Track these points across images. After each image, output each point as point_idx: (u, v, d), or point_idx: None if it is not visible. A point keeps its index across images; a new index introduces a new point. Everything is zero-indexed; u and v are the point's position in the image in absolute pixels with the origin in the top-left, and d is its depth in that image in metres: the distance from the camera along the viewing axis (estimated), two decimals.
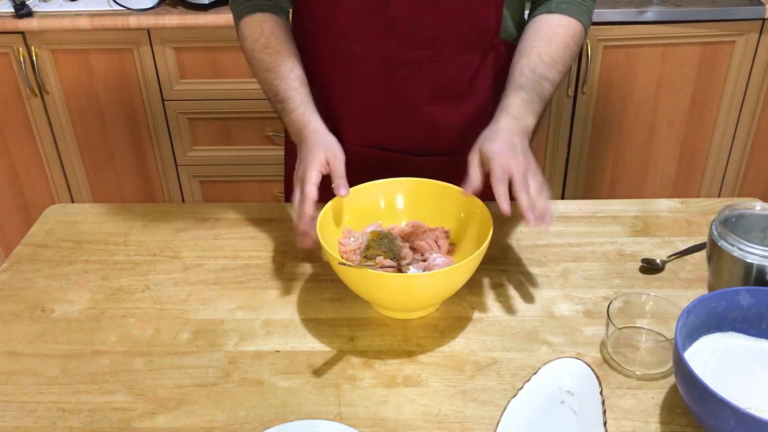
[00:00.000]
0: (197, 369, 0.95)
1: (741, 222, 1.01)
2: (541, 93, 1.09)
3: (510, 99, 1.07)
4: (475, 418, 0.87)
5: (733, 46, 2.15)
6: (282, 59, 1.15)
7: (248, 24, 1.18)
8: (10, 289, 1.11)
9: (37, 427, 0.88)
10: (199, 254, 1.17)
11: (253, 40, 1.17)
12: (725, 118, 2.27)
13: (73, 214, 1.29)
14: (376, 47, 1.14)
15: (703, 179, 2.39)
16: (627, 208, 1.25)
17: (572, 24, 1.14)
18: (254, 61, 1.17)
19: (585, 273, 1.11)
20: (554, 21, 1.14)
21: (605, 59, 2.16)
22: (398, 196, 1.11)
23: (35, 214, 1.95)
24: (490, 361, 0.95)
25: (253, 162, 2.35)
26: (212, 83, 2.23)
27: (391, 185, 1.11)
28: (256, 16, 1.17)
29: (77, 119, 2.30)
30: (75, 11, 2.16)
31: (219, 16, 2.11)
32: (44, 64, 2.20)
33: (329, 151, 1.06)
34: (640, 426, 0.85)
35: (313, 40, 1.20)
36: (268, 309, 1.06)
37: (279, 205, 1.30)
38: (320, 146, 1.07)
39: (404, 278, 0.97)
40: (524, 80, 1.08)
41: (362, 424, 0.86)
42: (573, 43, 1.14)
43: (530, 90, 1.07)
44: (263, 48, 1.16)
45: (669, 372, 0.92)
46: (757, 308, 0.90)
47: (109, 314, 1.06)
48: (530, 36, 1.13)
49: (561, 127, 2.28)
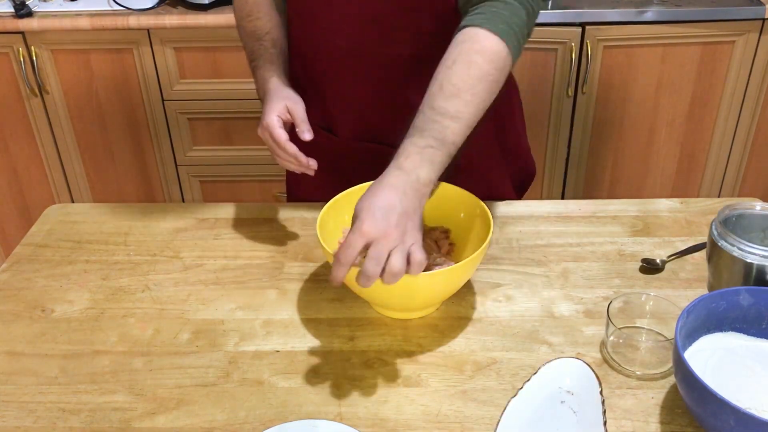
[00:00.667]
0: (197, 369, 0.95)
1: (741, 222, 1.01)
2: (442, 135, 0.89)
3: (404, 144, 0.90)
4: (475, 418, 0.87)
5: (733, 46, 2.15)
6: (260, 24, 1.20)
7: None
8: (10, 289, 1.12)
9: (37, 427, 0.88)
10: (199, 254, 1.18)
11: (239, 10, 1.23)
12: (725, 118, 2.27)
13: (73, 214, 1.29)
14: (360, 41, 1.14)
15: (703, 179, 2.39)
16: (627, 208, 1.25)
17: (481, 38, 0.94)
18: (240, 30, 1.24)
19: (585, 273, 1.11)
20: (460, 37, 0.96)
21: (605, 59, 2.16)
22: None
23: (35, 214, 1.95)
24: (490, 361, 0.95)
25: (253, 162, 2.35)
26: (212, 83, 2.23)
27: None
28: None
29: (77, 119, 2.30)
30: (75, 11, 2.16)
31: (219, 16, 2.11)
32: (44, 64, 2.20)
33: (288, 99, 1.10)
34: (640, 426, 0.85)
35: (305, 34, 1.21)
36: (268, 309, 1.06)
37: (279, 205, 1.30)
38: (279, 97, 1.10)
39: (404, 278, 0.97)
40: (420, 120, 0.91)
41: (362, 424, 0.86)
42: (483, 60, 0.93)
43: (426, 133, 0.90)
44: (246, 16, 1.22)
45: (669, 372, 0.92)
46: (757, 308, 0.90)
47: (109, 314, 1.06)
48: (441, 59, 0.96)
49: (561, 127, 2.28)
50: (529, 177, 1.39)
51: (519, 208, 1.26)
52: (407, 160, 0.88)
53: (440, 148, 0.89)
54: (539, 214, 1.24)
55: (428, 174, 0.88)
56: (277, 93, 1.12)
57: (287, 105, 1.09)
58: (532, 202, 1.29)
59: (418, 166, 0.88)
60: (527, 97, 1.38)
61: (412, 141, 0.89)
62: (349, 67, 1.18)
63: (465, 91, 0.91)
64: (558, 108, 2.25)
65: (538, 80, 2.19)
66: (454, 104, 0.91)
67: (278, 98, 1.10)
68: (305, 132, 1.08)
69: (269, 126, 1.07)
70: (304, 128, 1.08)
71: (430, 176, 0.89)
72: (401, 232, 0.84)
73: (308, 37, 1.20)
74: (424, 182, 0.88)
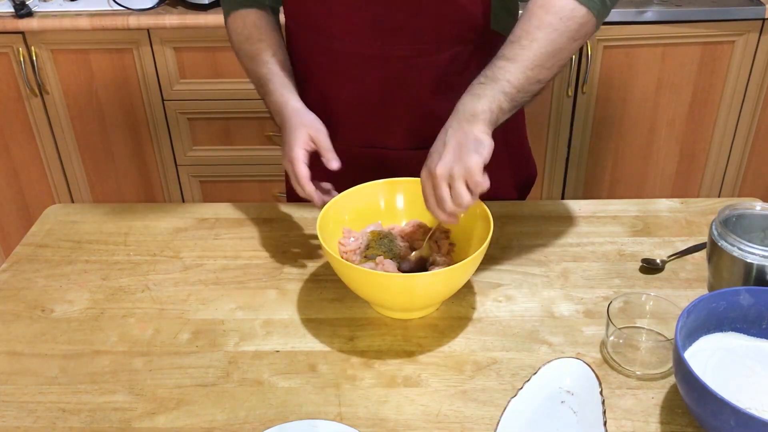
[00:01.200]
0: (197, 369, 0.95)
1: (741, 222, 1.01)
2: (492, 73, 0.97)
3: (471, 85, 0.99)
4: (475, 418, 0.87)
5: (733, 46, 2.15)
6: (263, 47, 1.19)
7: (233, 19, 1.23)
8: (10, 289, 1.11)
9: (37, 427, 0.88)
10: (199, 254, 1.17)
11: (237, 33, 1.22)
12: (725, 118, 2.27)
13: (73, 214, 1.29)
14: (366, 45, 1.14)
15: (703, 179, 2.39)
16: (627, 208, 1.25)
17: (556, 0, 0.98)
18: (240, 53, 1.22)
19: (585, 273, 1.11)
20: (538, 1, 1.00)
21: (605, 59, 2.16)
22: (398, 196, 1.11)
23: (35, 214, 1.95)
24: (490, 361, 0.95)
25: (253, 162, 2.35)
26: (212, 83, 2.23)
27: (391, 185, 1.11)
28: (240, 12, 1.22)
29: (77, 119, 2.30)
30: (75, 11, 2.16)
31: (219, 16, 2.10)
32: (44, 64, 2.20)
33: (311, 128, 1.09)
34: (640, 426, 0.85)
35: (305, 43, 1.21)
36: (268, 309, 1.06)
37: (279, 205, 1.30)
38: (302, 125, 1.09)
39: (404, 278, 0.97)
40: (487, 67, 0.99)
41: (362, 424, 0.86)
42: (544, 12, 0.97)
43: (480, 76, 0.98)
44: (246, 40, 1.20)
45: (669, 372, 0.92)
46: (757, 308, 0.90)
47: (109, 314, 1.06)
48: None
49: (561, 127, 2.28)
50: (530, 179, 1.39)
51: (519, 208, 1.26)
52: (459, 103, 0.96)
53: (489, 83, 0.96)
54: (539, 214, 1.25)
55: (473, 105, 0.95)
56: (298, 119, 1.10)
57: (310, 134, 1.08)
58: (532, 202, 1.29)
59: (465, 101, 0.96)
60: None
61: (478, 80, 0.97)
62: (349, 73, 1.18)
63: (522, 38, 0.97)
64: (558, 108, 2.25)
65: None
66: (511, 48, 0.97)
67: (301, 126, 1.09)
68: (332, 161, 1.07)
69: (293, 160, 1.06)
70: (330, 157, 1.07)
71: (475, 107, 0.94)
72: (456, 162, 0.92)
73: (308, 45, 1.20)
74: (470, 113, 0.95)
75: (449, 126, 0.96)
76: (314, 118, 1.11)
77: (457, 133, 0.94)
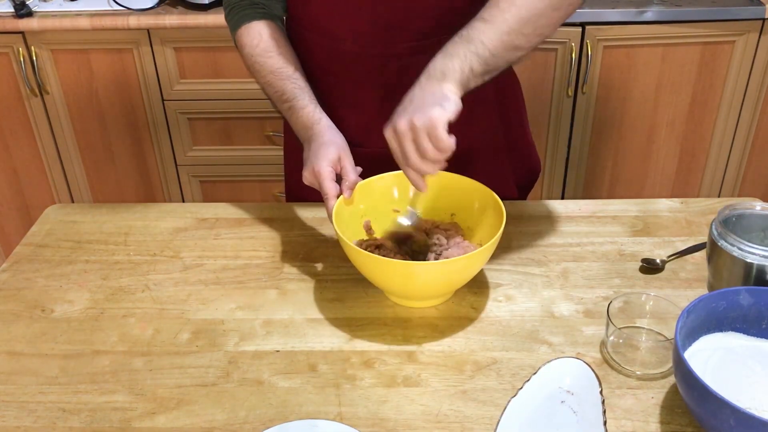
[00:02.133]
0: (197, 369, 0.95)
1: (741, 222, 1.01)
2: (468, 33, 0.95)
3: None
4: (475, 418, 0.87)
5: (733, 46, 2.14)
6: (285, 61, 1.17)
7: (246, 32, 1.20)
8: (10, 289, 1.11)
9: (37, 427, 0.88)
10: (199, 254, 1.18)
11: (252, 46, 1.19)
12: (725, 118, 2.27)
13: (73, 214, 1.29)
14: (368, 45, 1.14)
15: (703, 179, 2.39)
16: (627, 208, 1.25)
17: None
18: (256, 65, 1.19)
19: (585, 273, 1.11)
20: None
21: (605, 59, 2.16)
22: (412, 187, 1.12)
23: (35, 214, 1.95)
24: (490, 361, 0.95)
25: (253, 162, 2.35)
26: (212, 83, 2.23)
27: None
28: (253, 24, 1.20)
29: (77, 119, 2.30)
30: (75, 11, 2.16)
31: (219, 16, 2.11)
32: (44, 64, 2.20)
33: (342, 149, 1.09)
34: (640, 426, 0.85)
35: (307, 45, 1.21)
36: (268, 309, 1.06)
37: (279, 205, 1.30)
38: (333, 143, 1.09)
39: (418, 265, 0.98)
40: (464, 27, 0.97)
41: (362, 424, 0.86)
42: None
43: (455, 37, 0.96)
44: (264, 52, 1.18)
45: (669, 372, 0.92)
46: (757, 308, 0.90)
47: (109, 314, 1.06)
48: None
49: (561, 127, 2.28)
50: (533, 174, 1.39)
51: (519, 207, 1.26)
52: (431, 61, 0.94)
53: (463, 42, 0.94)
54: (539, 214, 1.25)
55: (443, 64, 0.93)
56: (329, 137, 1.10)
57: (340, 155, 1.08)
58: (532, 202, 1.29)
59: (437, 60, 0.94)
60: (527, 97, 1.38)
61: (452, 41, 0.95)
62: (351, 73, 1.18)
63: (502, 1, 0.95)
64: (558, 108, 2.25)
65: (538, 80, 2.19)
66: (489, 11, 0.95)
67: (332, 144, 1.09)
68: (347, 191, 1.07)
69: (321, 176, 1.05)
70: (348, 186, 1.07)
71: (445, 65, 0.93)
72: (417, 114, 0.91)
73: (310, 45, 1.20)
74: (440, 71, 0.93)
75: (417, 84, 0.95)
76: (344, 141, 1.12)
77: (424, 90, 0.93)
